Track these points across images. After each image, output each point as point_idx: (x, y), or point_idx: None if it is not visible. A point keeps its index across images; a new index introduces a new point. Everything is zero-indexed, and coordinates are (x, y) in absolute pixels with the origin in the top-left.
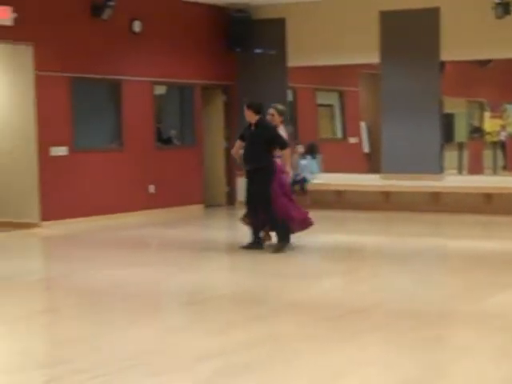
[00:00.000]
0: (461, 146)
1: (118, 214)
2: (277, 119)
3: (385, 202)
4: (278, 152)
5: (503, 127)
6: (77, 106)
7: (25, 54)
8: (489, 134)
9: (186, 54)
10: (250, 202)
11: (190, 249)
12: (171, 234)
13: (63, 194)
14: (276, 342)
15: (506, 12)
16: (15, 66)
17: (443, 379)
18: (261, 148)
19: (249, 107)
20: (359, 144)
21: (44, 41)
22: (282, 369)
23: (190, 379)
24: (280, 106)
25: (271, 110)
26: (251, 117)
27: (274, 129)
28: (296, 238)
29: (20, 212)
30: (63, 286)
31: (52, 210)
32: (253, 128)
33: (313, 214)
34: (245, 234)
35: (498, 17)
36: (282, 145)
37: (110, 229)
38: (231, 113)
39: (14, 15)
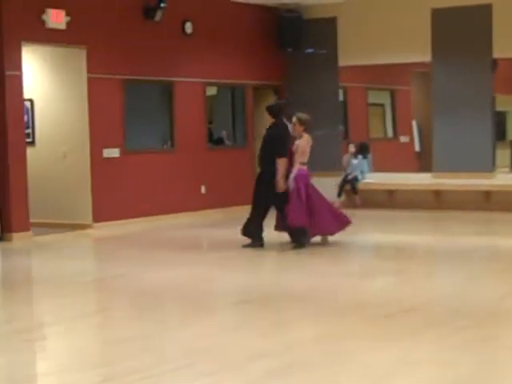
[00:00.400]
0: None
1: (170, 215)
2: (298, 128)
3: (436, 201)
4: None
5: None
6: (129, 107)
7: (78, 57)
8: None
9: (237, 55)
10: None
11: (241, 249)
12: (222, 234)
13: (115, 196)
14: (328, 341)
15: None
16: (68, 69)
17: (495, 379)
18: (266, 152)
19: (266, 110)
20: (410, 143)
21: (97, 44)
22: (334, 368)
23: (242, 379)
24: (302, 115)
25: (293, 119)
26: (269, 120)
27: (277, 134)
28: (345, 236)
29: (73, 213)
30: (116, 287)
31: (104, 211)
32: (264, 131)
33: (363, 214)
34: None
35: None
36: (276, 152)
37: (161, 229)
38: None
39: (68, 19)
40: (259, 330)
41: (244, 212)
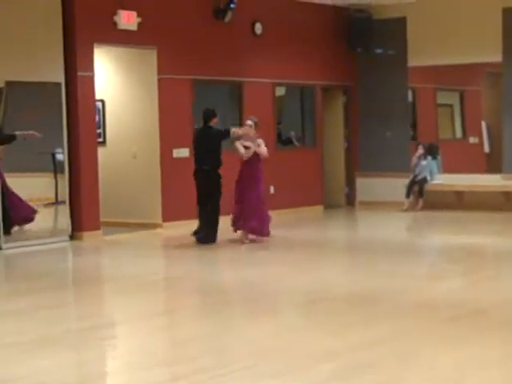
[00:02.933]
0: None
1: None
2: (251, 131)
3: (505, 203)
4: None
5: None
6: (198, 107)
7: (148, 57)
8: None
9: (306, 55)
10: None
11: (309, 249)
12: (291, 234)
13: (184, 195)
14: (396, 342)
15: None
16: (139, 69)
17: None
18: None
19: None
20: (479, 144)
21: (167, 44)
22: (401, 369)
23: (310, 379)
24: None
25: (250, 122)
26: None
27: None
28: (413, 237)
29: (143, 213)
30: (184, 286)
31: (174, 210)
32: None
33: (430, 215)
34: (363, 235)
35: None
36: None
37: (229, 229)
38: (351, 113)
39: (139, 20)
40: (326, 330)
41: (313, 212)
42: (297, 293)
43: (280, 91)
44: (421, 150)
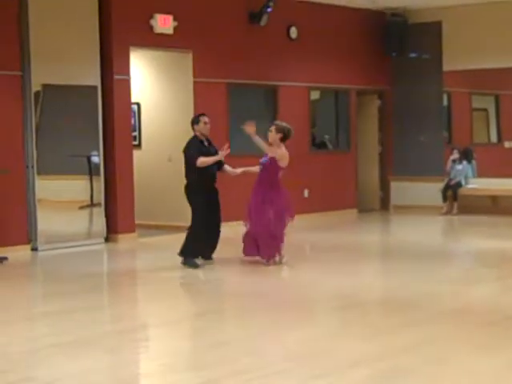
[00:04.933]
0: None
1: None
2: (274, 136)
3: None
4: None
5: None
6: (233, 111)
7: (184, 61)
8: None
9: (341, 59)
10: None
11: (344, 253)
12: (325, 238)
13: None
14: (431, 348)
15: None
16: (175, 73)
17: None
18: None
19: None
20: None
21: (202, 48)
22: (436, 375)
23: (347, 383)
24: (280, 123)
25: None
26: (207, 130)
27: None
28: (448, 242)
29: (178, 215)
30: (220, 289)
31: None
32: (206, 143)
33: (466, 219)
34: (397, 239)
35: None
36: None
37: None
38: (386, 117)
39: (175, 24)
40: (360, 335)
41: (346, 216)
42: (331, 297)
43: (314, 95)
44: (456, 155)
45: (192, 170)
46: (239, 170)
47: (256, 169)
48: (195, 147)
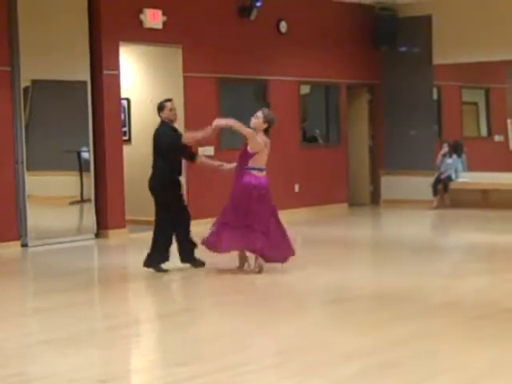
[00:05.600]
0: None
1: None
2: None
3: None
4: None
5: None
6: (224, 106)
7: (174, 56)
8: None
9: (331, 53)
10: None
11: (335, 247)
12: (316, 232)
13: (210, 193)
14: (423, 341)
15: None
16: (165, 68)
17: None
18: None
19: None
20: (505, 142)
21: (192, 43)
22: (428, 368)
23: (336, 378)
24: (269, 112)
25: (260, 113)
26: (174, 116)
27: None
28: (438, 236)
29: None
30: (210, 284)
31: (200, 208)
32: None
33: (456, 213)
34: (388, 233)
35: None
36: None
37: None
38: (376, 111)
39: (164, 18)
40: (352, 329)
41: (337, 210)
42: (322, 291)
43: (305, 89)
44: (446, 148)
45: (165, 158)
46: (217, 163)
47: (232, 166)
48: (169, 131)
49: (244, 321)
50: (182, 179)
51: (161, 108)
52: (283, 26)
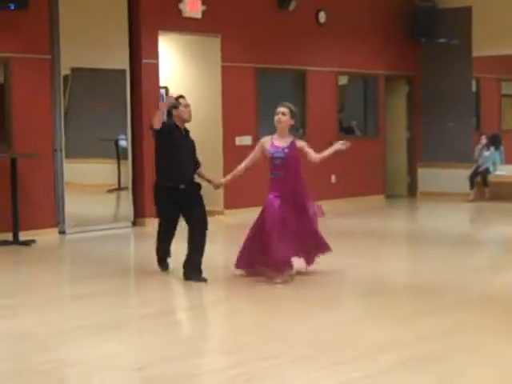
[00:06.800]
0: None
1: None
2: (287, 121)
3: None
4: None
5: None
6: (262, 95)
7: (212, 45)
8: None
9: (369, 44)
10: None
11: (371, 239)
12: (352, 223)
13: (246, 183)
14: (459, 335)
15: None
16: (203, 57)
17: None
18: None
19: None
20: None
21: (231, 32)
22: (463, 362)
23: (369, 370)
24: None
25: (284, 109)
26: (188, 114)
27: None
28: (476, 229)
29: (207, 200)
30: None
31: (235, 198)
32: (184, 132)
33: (494, 206)
34: (424, 226)
35: None
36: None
37: None
38: (414, 103)
39: (203, 8)
40: (387, 321)
41: (374, 202)
42: (358, 283)
43: (343, 80)
44: (484, 141)
45: (160, 159)
46: (224, 180)
47: (241, 170)
48: (164, 125)
49: (280, 312)
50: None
51: (175, 106)
52: (322, 17)
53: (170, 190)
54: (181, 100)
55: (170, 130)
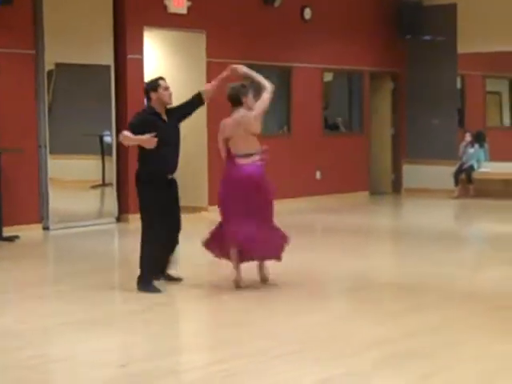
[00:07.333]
0: None
1: (285, 200)
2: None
3: None
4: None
5: None
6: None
7: (198, 41)
8: None
9: (354, 41)
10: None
11: (355, 235)
12: (336, 219)
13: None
14: (443, 331)
15: None
16: (188, 53)
17: None
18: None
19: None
20: None
21: (216, 28)
22: (448, 358)
23: (355, 366)
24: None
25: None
26: (169, 97)
27: None
28: (460, 226)
29: (190, 196)
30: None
31: None
32: (165, 118)
33: (478, 203)
34: (409, 222)
35: None
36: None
37: (276, 214)
38: (399, 100)
39: (188, 4)
40: (372, 318)
41: (358, 198)
42: (343, 279)
43: (328, 77)
44: (468, 138)
45: (143, 150)
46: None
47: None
48: (141, 119)
49: (267, 308)
50: None
51: (153, 88)
52: (307, 13)
53: (161, 181)
54: (160, 82)
55: (154, 123)
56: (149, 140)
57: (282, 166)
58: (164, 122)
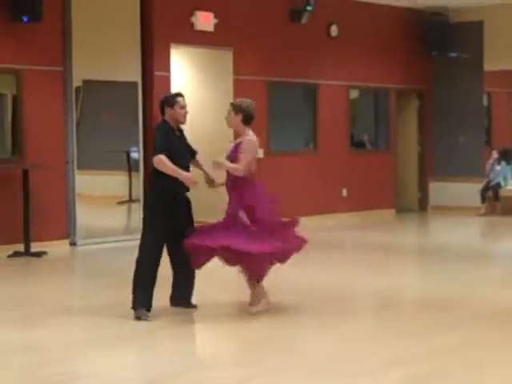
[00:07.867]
0: None
1: (311, 217)
2: (233, 119)
3: None
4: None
5: None
6: (273, 109)
7: (225, 58)
8: None
9: (381, 58)
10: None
11: (381, 252)
12: (362, 237)
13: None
14: (469, 350)
15: None
16: (215, 70)
17: None
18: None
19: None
20: None
21: (243, 46)
22: (472, 378)
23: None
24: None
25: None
26: (184, 116)
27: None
28: (488, 244)
29: (211, 212)
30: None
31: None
32: (178, 133)
33: (505, 220)
34: (435, 240)
35: None
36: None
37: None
38: (425, 118)
39: (215, 21)
40: (396, 336)
41: (385, 216)
42: (367, 297)
43: (354, 94)
44: (495, 155)
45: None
46: (224, 180)
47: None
48: (164, 135)
49: (292, 325)
50: None
51: (170, 104)
52: (334, 30)
53: (172, 200)
54: (178, 99)
55: (168, 135)
56: (189, 179)
57: (308, 183)
58: (176, 136)
